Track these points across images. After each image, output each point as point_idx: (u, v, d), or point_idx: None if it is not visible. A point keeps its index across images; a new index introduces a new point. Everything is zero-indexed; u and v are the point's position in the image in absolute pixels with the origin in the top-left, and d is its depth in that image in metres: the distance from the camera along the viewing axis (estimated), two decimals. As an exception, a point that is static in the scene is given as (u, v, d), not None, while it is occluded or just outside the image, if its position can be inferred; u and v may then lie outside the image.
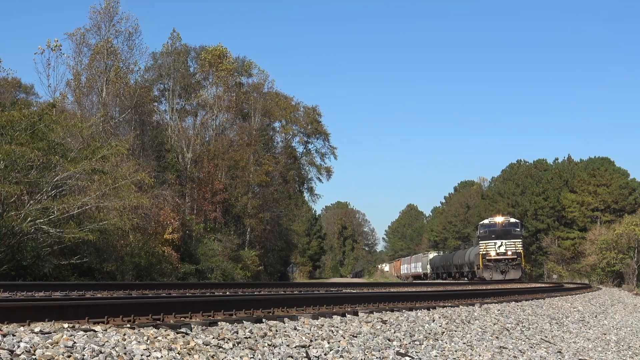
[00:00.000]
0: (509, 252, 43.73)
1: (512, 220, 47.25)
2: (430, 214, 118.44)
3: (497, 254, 43.89)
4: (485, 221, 47.40)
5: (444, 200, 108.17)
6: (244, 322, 7.02)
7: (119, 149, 23.81)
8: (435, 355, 7.49)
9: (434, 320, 9.72)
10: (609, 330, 14.71)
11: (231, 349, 5.81)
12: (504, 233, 44.67)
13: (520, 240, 45.33)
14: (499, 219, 46.14)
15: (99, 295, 11.79)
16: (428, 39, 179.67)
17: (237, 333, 6.37)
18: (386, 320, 8.80)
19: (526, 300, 16.68)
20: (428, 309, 10.95)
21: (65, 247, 20.91)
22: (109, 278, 22.85)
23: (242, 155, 43.25)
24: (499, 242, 44.33)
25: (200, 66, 47.04)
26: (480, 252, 45.08)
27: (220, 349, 5.72)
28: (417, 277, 69.51)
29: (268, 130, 55.77)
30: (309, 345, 6.49)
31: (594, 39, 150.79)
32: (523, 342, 10.00)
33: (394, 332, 8.14)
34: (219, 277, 31.97)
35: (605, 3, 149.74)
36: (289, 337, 6.66)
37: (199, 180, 40.68)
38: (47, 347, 4.64)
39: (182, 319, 6.74)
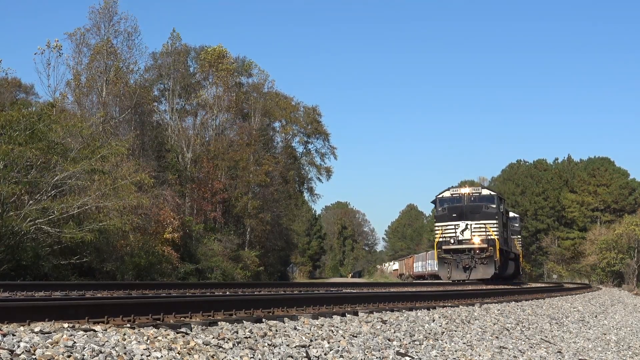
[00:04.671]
0: (476, 239, 30.13)
1: (485, 192, 32.48)
2: (431, 213, 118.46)
3: (459, 242, 30.44)
4: (446, 193, 32.16)
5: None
6: (244, 322, 7.02)
7: (119, 149, 23.82)
8: (435, 355, 7.48)
9: (434, 320, 9.72)
10: (609, 330, 14.71)
11: (231, 348, 5.81)
12: (470, 210, 30.77)
13: (495, 221, 30.57)
14: (465, 190, 31.89)
15: (99, 295, 11.79)
16: (428, 39, 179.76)
17: (237, 333, 6.37)
18: (386, 320, 8.80)
19: (526, 300, 16.69)
20: (428, 309, 10.95)
21: (65, 247, 20.91)
22: (109, 278, 22.84)
23: (242, 155, 43.28)
24: (462, 223, 30.49)
25: (200, 66, 47.08)
26: (436, 240, 31.81)
27: (220, 349, 5.71)
28: (433, 276, 58.36)
29: (268, 130, 55.81)
30: (309, 345, 6.49)
31: (594, 39, 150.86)
32: (523, 342, 10.00)
33: (394, 332, 8.14)
34: (219, 277, 31.98)
35: (606, 3, 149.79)
36: (289, 337, 6.66)
37: (198, 180, 40.71)
38: (47, 347, 4.64)
39: (182, 318, 6.74)
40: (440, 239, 31.22)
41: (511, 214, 42.09)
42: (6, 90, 41.04)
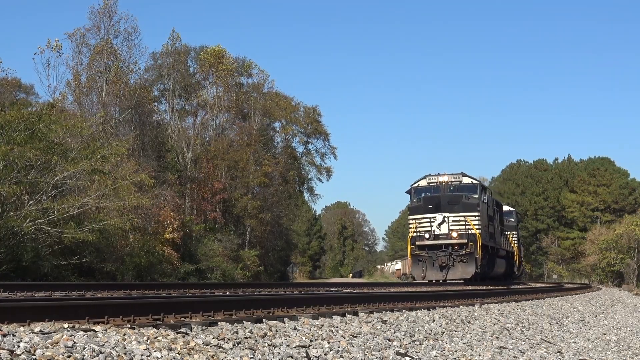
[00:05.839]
0: (455, 234, 26.70)
1: (466, 180, 28.32)
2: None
3: (435, 237, 26.99)
4: (422, 182, 28.55)
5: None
6: (244, 322, 7.02)
7: (119, 149, 23.83)
8: (435, 355, 7.48)
9: (434, 320, 9.72)
10: (609, 330, 14.72)
11: (231, 349, 5.81)
12: (448, 201, 27.37)
13: (476, 214, 27.16)
14: (444, 178, 28.09)
15: (99, 295, 11.79)
16: (428, 39, 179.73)
17: (237, 333, 6.37)
18: (386, 320, 8.80)
19: (526, 300, 16.69)
20: (428, 309, 10.95)
21: (65, 247, 20.93)
22: (109, 278, 22.86)
23: (242, 155, 43.29)
24: (438, 216, 27.02)
25: (200, 66, 47.11)
26: (409, 235, 28.24)
27: (220, 349, 5.71)
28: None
29: (268, 130, 55.86)
30: (309, 345, 6.49)
31: (594, 39, 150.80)
32: (523, 342, 10.00)
33: (394, 332, 8.14)
34: (219, 277, 32.01)
35: (605, 3, 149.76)
36: (289, 337, 6.66)
37: (198, 181, 40.73)
38: (47, 347, 4.64)
39: (182, 319, 6.73)
40: (414, 234, 27.61)
41: (506, 208, 40.38)
42: (6, 90, 41.02)
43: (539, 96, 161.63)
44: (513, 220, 41.17)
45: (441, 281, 26.66)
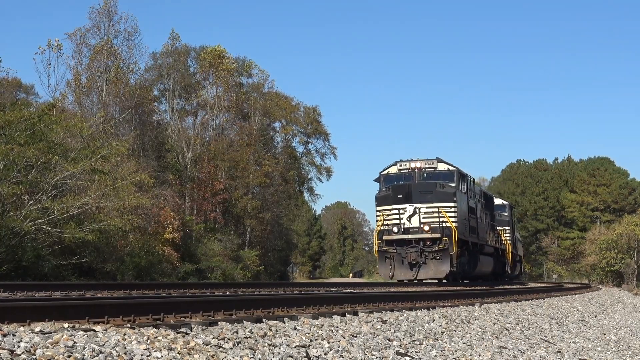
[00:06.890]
0: (427, 227, 23.54)
1: (442, 167, 25.26)
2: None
3: (405, 231, 23.77)
4: (392, 169, 25.49)
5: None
6: (244, 322, 7.02)
7: (119, 149, 23.86)
8: (435, 355, 7.49)
9: (433, 320, 9.73)
10: (608, 330, 14.73)
11: (231, 348, 5.81)
12: (421, 190, 24.09)
13: (452, 204, 24.00)
14: (416, 164, 24.99)
15: (99, 295, 11.79)
16: (428, 39, 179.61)
17: (237, 333, 6.38)
18: (386, 320, 8.81)
19: (526, 300, 16.70)
20: (428, 309, 10.96)
21: (65, 247, 20.95)
22: (109, 278, 22.87)
23: (242, 155, 43.32)
24: (409, 207, 23.75)
25: (200, 66, 47.16)
26: (376, 228, 25.05)
27: (221, 349, 5.72)
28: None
29: (268, 130, 55.88)
30: (309, 345, 6.49)
31: (594, 39, 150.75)
32: (523, 342, 10.00)
33: (394, 332, 8.15)
34: (219, 277, 32.01)
35: (606, 3, 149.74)
36: (289, 337, 6.66)
37: (198, 180, 40.76)
38: (48, 347, 4.64)
39: (182, 318, 6.74)
40: (382, 228, 24.25)
41: (498, 201, 37.79)
42: (6, 90, 41.05)
43: (539, 96, 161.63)
44: (506, 214, 38.22)
45: (415, 280, 24.00)
